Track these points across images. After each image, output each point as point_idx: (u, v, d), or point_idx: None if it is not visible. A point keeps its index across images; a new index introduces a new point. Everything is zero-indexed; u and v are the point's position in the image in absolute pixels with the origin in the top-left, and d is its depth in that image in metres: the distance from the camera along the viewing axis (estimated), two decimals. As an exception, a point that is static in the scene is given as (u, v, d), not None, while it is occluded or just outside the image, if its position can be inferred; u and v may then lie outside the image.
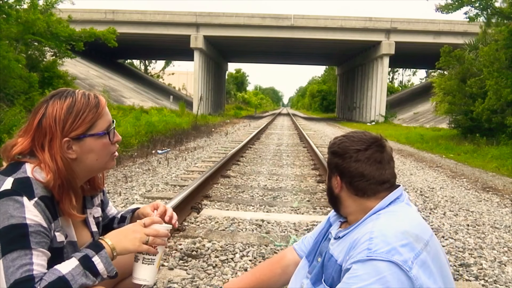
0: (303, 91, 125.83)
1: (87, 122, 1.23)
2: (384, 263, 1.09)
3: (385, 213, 1.24)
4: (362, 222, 1.26)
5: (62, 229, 1.22)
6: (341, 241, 1.29)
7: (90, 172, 1.31)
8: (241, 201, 4.84)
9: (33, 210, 1.12)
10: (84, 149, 1.24)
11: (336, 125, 27.41)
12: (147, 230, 1.25)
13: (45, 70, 14.36)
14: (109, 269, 1.17)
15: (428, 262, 1.13)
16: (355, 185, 1.30)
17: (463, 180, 7.12)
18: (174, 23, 29.30)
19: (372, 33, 29.26)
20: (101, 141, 1.26)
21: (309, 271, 1.39)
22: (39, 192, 1.16)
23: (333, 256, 1.28)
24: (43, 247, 1.12)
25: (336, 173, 1.34)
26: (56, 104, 1.22)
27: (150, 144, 9.95)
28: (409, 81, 67.65)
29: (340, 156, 1.33)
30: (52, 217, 1.17)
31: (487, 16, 13.75)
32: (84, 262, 1.14)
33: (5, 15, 10.63)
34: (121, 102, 21.28)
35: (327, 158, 1.40)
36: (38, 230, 1.12)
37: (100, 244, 1.20)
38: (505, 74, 12.00)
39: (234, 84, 70.55)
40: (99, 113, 1.26)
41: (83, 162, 1.25)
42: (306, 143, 11.92)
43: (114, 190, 5.17)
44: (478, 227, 4.19)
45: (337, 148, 1.35)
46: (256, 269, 1.69)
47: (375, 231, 1.16)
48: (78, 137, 1.22)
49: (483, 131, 12.90)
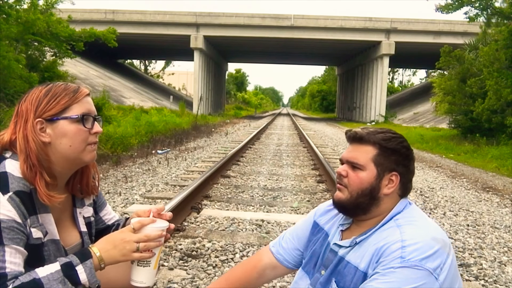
0: (303, 91, 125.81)
1: (62, 104, 1.21)
2: (417, 271, 1.09)
3: (403, 218, 1.23)
4: (380, 227, 1.23)
5: (40, 225, 1.18)
6: (358, 247, 1.24)
7: (67, 161, 1.24)
8: (241, 201, 4.84)
9: (6, 205, 1.09)
10: (57, 132, 1.21)
11: (336, 125, 27.41)
12: (136, 237, 1.18)
13: (45, 70, 14.35)
14: (92, 280, 1.13)
15: (452, 265, 1.14)
16: (407, 186, 1.28)
17: (463, 180, 7.12)
18: (174, 23, 29.30)
19: (372, 33, 29.26)
20: (75, 126, 1.22)
21: (312, 284, 1.34)
22: (14, 186, 1.13)
23: (351, 263, 1.23)
24: (18, 244, 1.09)
25: (395, 172, 1.25)
26: (37, 89, 1.24)
27: (150, 144, 9.95)
28: (409, 81, 67.67)
29: (403, 155, 1.26)
30: (28, 213, 1.14)
31: (487, 16, 13.76)
32: (66, 269, 1.10)
33: (5, 15, 10.63)
34: (121, 102, 21.28)
35: (375, 154, 1.25)
36: (11, 226, 1.08)
37: (87, 253, 1.15)
38: (505, 74, 12.00)
39: (234, 84, 70.56)
40: (76, 97, 1.23)
41: (57, 147, 1.21)
42: (306, 143, 11.92)
43: (114, 190, 5.17)
44: (478, 227, 4.20)
45: (400, 146, 1.26)
46: (229, 274, 1.53)
47: (407, 239, 1.14)
48: (51, 118, 1.20)
49: (483, 131, 12.90)
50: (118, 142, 8.57)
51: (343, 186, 1.29)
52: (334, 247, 1.30)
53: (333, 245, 1.31)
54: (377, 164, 1.24)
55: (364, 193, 1.25)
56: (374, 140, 1.25)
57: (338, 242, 1.30)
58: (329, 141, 13.87)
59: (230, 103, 53.75)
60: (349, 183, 1.27)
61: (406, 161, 1.26)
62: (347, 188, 1.27)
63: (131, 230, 1.19)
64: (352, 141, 1.30)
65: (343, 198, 1.28)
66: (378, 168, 1.24)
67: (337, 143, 13.17)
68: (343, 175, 1.28)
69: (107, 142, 8.30)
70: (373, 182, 1.24)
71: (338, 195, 1.30)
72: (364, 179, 1.25)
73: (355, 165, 1.26)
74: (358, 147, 1.28)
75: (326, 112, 58.36)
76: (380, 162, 1.24)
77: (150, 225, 1.20)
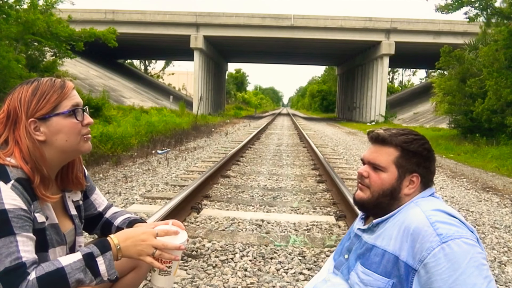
0: (303, 91, 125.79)
1: (52, 102, 1.22)
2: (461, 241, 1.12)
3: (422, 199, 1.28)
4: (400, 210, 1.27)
5: (41, 210, 1.20)
6: (381, 230, 1.27)
7: (64, 154, 1.27)
8: (241, 201, 4.84)
9: (11, 194, 1.10)
10: (52, 129, 1.22)
11: (336, 125, 27.40)
12: (155, 242, 1.24)
13: (45, 70, 14.35)
14: (110, 272, 1.17)
15: None
16: (428, 185, 1.30)
17: (463, 180, 7.12)
18: (174, 23, 29.30)
19: (372, 33, 29.26)
20: (68, 120, 1.24)
21: (336, 267, 1.39)
22: (14, 175, 1.14)
23: (377, 246, 1.25)
24: (27, 231, 1.11)
25: (415, 173, 1.27)
26: (22, 88, 1.24)
27: (150, 144, 9.95)
28: (409, 81, 67.62)
29: (424, 157, 1.28)
30: (31, 199, 1.16)
31: (487, 16, 13.76)
32: (87, 259, 1.13)
33: (5, 15, 10.63)
34: (121, 102, 21.27)
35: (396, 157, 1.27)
36: (19, 214, 1.10)
37: (107, 244, 1.19)
38: (504, 74, 12.01)
39: (234, 84, 70.54)
40: (64, 93, 1.25)
41: (53, 144, 1.23)
42: (306, 143, 11.92)
43: (114, 190, 5.17)
44: (478, 227, 4.20)
45: (421, 148, 1.27)
46: None
47: (431, 215, 1.18)
48: (44, 117, 1.21)
49: (483, 131, 12.90)
50: (118, 142, 8.57)
51: (364, 186, 1.32)
52: (358, 231, 1.36)
53: (357, 230, 1.37)
54: (399, 166, 1.27)
55: (385, 193, 1.28)
56: (396, 142, 1.28)
57: (361, 227, 1.35)
58: (329, 141, 13.87)
59: (230, 103, 53.73)
60: (370, 183, 1.30)
61: (427, 163, 1.29)
62: (369, 188, 1.30)
63: (154, 235, 1.25)
64: (375, 142, 1.32)
65: (365, 198, 1.31)
66: (399, 170, 1.27)
67: (337, 143, 13.17)
68: (365, 176, 1.31)
69: (107, 142, 8.30)
70: (394, 184, 1.27)
71: (360, 194, 1.33)
72: (386, 180, 1.28)
73: (377, 166, 1.29)
74: (380, 149, 1.30)
75: (326, 112, 58.35)
76: (402, 164, 1.27)
77: (172, 237, 1.28)
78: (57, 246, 1.25)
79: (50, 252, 1.22)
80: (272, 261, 3.01)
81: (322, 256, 3.13)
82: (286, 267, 2.89)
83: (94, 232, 1.56)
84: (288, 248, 3.28)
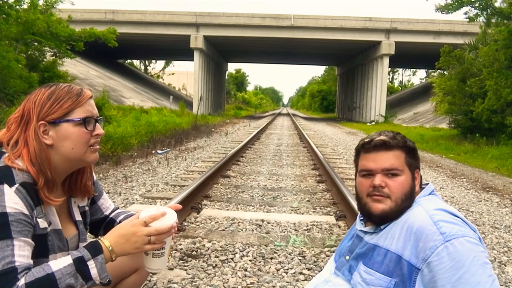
0: (303, 91, 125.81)
1: (65, 108, 1.22)
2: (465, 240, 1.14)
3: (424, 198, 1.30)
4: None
5: (45, 215, 1.20)
6: (384, 231, 1.27)
7: (69, 162, 1.26)
8: (241, 201, 4.84)
9: (13, 198, 1.10)
10: (60, 135, 1.22)
11: (336, 125, 27.40)
12: (147, 230, 1.21)
13: (45, 70, 14.34)
14: (102, 275, 1.14)
15: None
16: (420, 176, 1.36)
17: (463, 180, 7.12)
18: (174, 23, 29.30)
19: (372, 33, 29.26)
20: (77, 128, 1.23)
21: (337, 268, 1.39)
22: (19, 178, 1.14)
23: (379, 246, 1.26)
24: (26, 236, 1.10)
25: (417, 168, 1.33)
26: (40, 91, 1.24)
27: (150, 144, 9.95)
28: (409, 81, 67.63)
29: (416, 150, 1.33)
30: (34, 204, 1.15)
31: (487, 16, 13.77)
32: (78, 263, 1.11)
33: (5, 15, 10.63)
34: (121, 102, 21.27)
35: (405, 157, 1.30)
36: (19, 219, 1.09)
37: (98, 248, 1.16)
38: (504, 74, 12.01)
39: (234, 84, 70.53)
40: (79, 101, 1.24)
41: (59, 149, 1.23)
42: (306, 143, 11.92)
43: (114, 190, 5.17)
44: (478, 227, 4.20)
45: (412, 143, 1.33)
46: None
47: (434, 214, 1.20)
48: (54, 121, 1.21)
49: (483, 131, 12.90)
50: (118, 142, 8.57)
51: (384, 196, 1.27)
52: (359, 233, 1.36)
53: (358, 231, 1.37)
54: (409, 166, 1.30)
55: (407, 196, 1.27)
56: (400, 144, 1.29)
57: (362, 229, 1.35)
58: (329, 141, 13.87)
59: (230, 103, 53.73)
60: (391, 191, 1.26)
61: (417, 155, 1.34)
62: (390, 197, 1.26)
63: (142, 224, 1.22)
64: (379, 148, 1.30)
65: (387, 209, 1.26)
66: (410, 169, 1.30)
67: (337, 143, 13.16)
68: (382, 186, 1.27)
69: (107, 142, 8.30)
70: (411, 183, 1.29)
71: (380, 207, 1.27)
72: (405, 183, 1.27)
73: (394, 171, 1.27)
74: (386, 154, 1.29)
75: (326, 112, 58.36)
76: (410, 163, 1.30)
77: (162, 219, 1.25)
78: (58, 252, 1.24)
79: (51, 258, 1.21)
80: (272, 261, 3.01)
81: (322, 256, 3.13)
82: (286, 267, 2.89)
83: (99, 234, 1.55)
84: (288, 248, 3.28)
